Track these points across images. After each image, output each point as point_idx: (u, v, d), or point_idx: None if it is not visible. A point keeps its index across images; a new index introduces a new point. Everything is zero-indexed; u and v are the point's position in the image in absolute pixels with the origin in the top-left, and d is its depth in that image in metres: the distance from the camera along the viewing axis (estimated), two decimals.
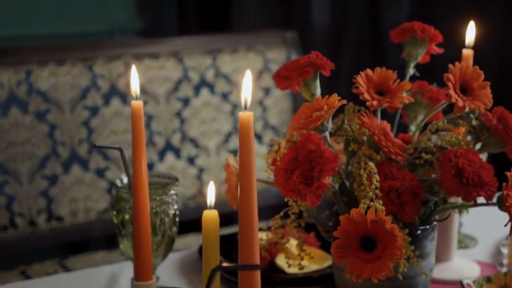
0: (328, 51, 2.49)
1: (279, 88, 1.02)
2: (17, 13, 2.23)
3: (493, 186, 0.98)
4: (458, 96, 1.02)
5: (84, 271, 1.27)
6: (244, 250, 0.81)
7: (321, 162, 0.92)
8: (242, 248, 0.82)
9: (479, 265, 1.30)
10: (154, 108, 1.96)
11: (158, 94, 1.97)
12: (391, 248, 0.87)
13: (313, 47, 2.51)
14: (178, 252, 1.35)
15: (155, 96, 1.96)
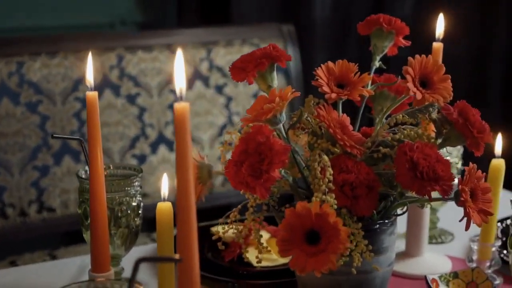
0: (329, 45, 2.48)
1: (235, 79, 1.02)
2: (17, 5, 2.25)
3: (448, 180, 0.96)
4: (416, 89, 1.00)
5: (51, 262, 1.28)
6: (182, 244, 0.81)
7: (270, 155, 0.91)
8: (180, 242, 0.81)
9: (452, 261, 1.28)
10: (147, 100, 1.97)
11: (151, 86, 1.97)
12: (334, 242, 0.86)
13: (314, 41, 2.51)
14: (153, 244, 1.35)
15: (148, 88, 1.97)
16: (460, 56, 2.61)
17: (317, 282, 1.04)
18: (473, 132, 1.01)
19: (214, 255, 1.29)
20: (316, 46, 2.45)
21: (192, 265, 0.81)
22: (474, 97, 2.68)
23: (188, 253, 0.81)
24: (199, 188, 1.05)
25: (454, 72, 2.61)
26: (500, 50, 2.66)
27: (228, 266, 1.25)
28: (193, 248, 0.81)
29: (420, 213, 1.26)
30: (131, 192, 1.13)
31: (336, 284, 1.03)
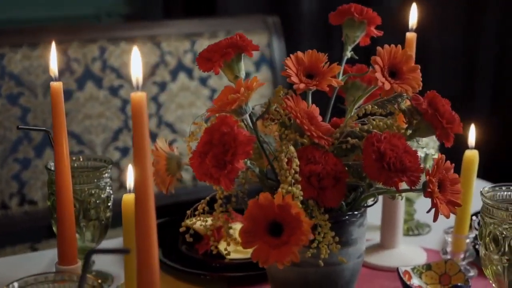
0: (316, 37, 2.47)
1: (201, 70, 1.01)
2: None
3: (416, 171, 0.95)
4: (385, 79, 0.99)
5: (24, 255, 1.27)
6: (140, 234, 0.80)
7: (234, 145, 0.90)
8: (138, 232, 0.80)
9: (427, 253, 1.27)
10: (129, 92, 1.95)
11: None
12: (297, 233, 0.85)
13: (301, 33, 2.50)
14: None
15: (131, 80, 1.95)
16: (450, 48, 2.60)
17: (285, 274, 1.03)
18: (443, 123, 1.00)
19: (188, 248, 1.28)
20: (303, 38, 2.44)
21: (151, 255, 0.80)
22: (463, 89, 2.68)
23: (146, 243, 0.80)
24: (168, 180, 1.04)
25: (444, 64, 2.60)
26: (489, 42, 2.65)
27: (202, 259, 1.24)
28: (151, 238, 0.80)
29: (394, 205, 1.25)
30: (101, 184, 1.12)
31: (305, 276, 1.02)
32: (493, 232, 0.98)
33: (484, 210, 1.00)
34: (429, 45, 2.55)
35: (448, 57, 2.61)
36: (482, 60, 2.65)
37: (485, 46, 2.63)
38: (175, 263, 1.22)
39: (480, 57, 2.64)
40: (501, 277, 0.99)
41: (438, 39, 2.57)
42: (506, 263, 0.98)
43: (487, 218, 0.99)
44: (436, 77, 2.57)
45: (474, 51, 2.64)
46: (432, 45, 2.56)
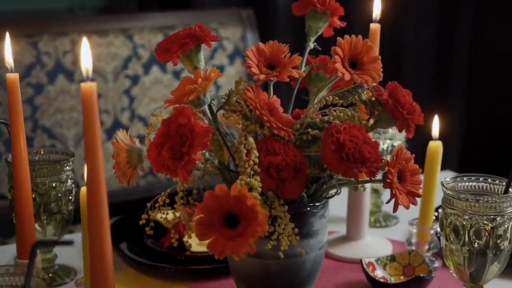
0: (292, 31, 2.46)
1: (159, 60, 1.00)
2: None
3: (375, 162, 0.95)
4: (345, 69, 0.99)
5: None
6: (92, 226, 0.79)
7: (191, 137, 0.90)
8: (90, 224, 0.80)
9: (393, 244, 1.27)
10: (101, 86, 1.94)
11: (106, 72, 1.95)
12: (252, 225, 0.84)
13: (277, 27, 2.49)
14: None
15: (103, 73, 1.94)
16: (426, 41, 2.60)
17: (247, 266, 1.03)
18: (403, 114, 0.99)
19: (154, 242, 1.27)
20: (278, 32, 2.43)
21: (104, 246, 0.79)
22: (438, 82, 2.68)
23: (98, 236, 0.79)
24: (130, 172, 1.03)
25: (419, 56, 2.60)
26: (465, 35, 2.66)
27: (167, 252, 1.23)
28: (103, 231, 0.79)
29: (359, 197, 1.24)
30: (62, 177, 1.11)
31: (266, 268, 1.01)
32: (454, 223, 0.98)
33: (445, 200, 1.00)
34: (404, 38, 2.55)
35: (422, 50, 2.61)
36: (457, 52, 2.65)
37: (460, 38, 2.64)
38: (139, 257, 1.21)
39: (454, 49, 2.65)
40: (462, 267, 0.99)
41: (413, 32, 2.57)
42: (467, 253, 0.98)
43: (448, 208, 0.99)
44: (411, 70, 2.58)
45: (449, 43, 2.64)
46: (407, 38, 2.56)
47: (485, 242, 0.97)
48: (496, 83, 2.66)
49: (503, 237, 0.97)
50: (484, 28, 2.64)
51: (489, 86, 2.68)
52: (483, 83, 2.67)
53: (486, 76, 2.67)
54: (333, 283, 1.14)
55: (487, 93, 2.68)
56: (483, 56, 2.66)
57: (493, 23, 2.63)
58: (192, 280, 1.15)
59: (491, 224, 0.96)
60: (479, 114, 2.66)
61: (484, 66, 2.65)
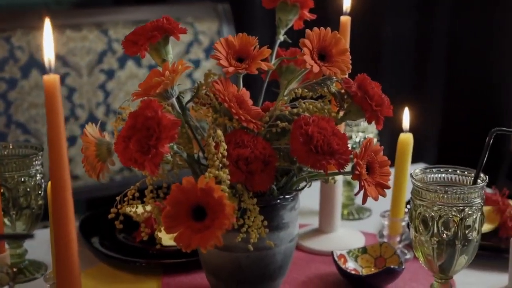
0: (269, 26, 2.45)
1: (127, 53, 0.99)
2: None
3: (344, 154, 0.95)
4: (314, 62, 0.99)
5: None
6: (57, 219, 0.79)
7: (158, 130, 0.89)
8: (55, 217, 0.79)
9: (366, 237, 1.28)
10: (76, 80, 1.93)
11: (81, 66, 1.93)
12: (220, 217, 0.84)
13: (253, 22, 2.48)
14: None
15: (77, 68, 1.93)
16: (403, 35, 2.61)
17: (217, 260, 1.03)
18: (372, 105, 0.99)
19: (126, 237, 1.27)
20: (255, 27, 2.43)
21: (69, 242, 0.79)
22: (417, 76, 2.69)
23: (63, 230, 0.78)
24: (99, 166, 1.02)
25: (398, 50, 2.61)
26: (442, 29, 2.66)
27: (139, 247, 1.23)
28: (68, 224, 0.78)
29: (331, 190, 1.25)
30: (31, 172, 1.10)
31: (237, 261, 1.01)
32: (423, 214, 0.99)
33: (414, 192, 1.00)
34: (381, 32, 2.56)
35: (400, 44, 2.62)
36: (435, 46, 2.66)
37: (437, 32, 2.65)
38: (111, 252, 1.20)
39: (432, 43, 2.65)
40: (432, 258, 0.99)
41: (390, 26, 2.58)
42: (436, 245, 0.98)
43: (417, 200, 0.99)
44: (389, 64, 2.58)
45: (426, 37, 2.65)
46: (385, 32, 2.57)
47: (453, 233, 0.97)
48: (473, 76, 2.68)
49: (472, 228, 0.98)
50: (461, 21, 2.65)
51: (467, 80, 2.70)
52: (460, 77, 2.69)
53: (463, 69, 2.68)
54: (305, 276, 1.14)
55: (465, 86, 2.70)
56: (460, 49, 2.67)
57: (470, 16, 2.64)
58: (164, 274, 1.15)
59: (459, 215, 0.97)
60: (457, 107, 2.68)
61: (462, 59, 2.66)
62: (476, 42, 2.65)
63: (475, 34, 2.64)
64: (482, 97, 2.66)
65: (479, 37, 2.64)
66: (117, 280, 1.14)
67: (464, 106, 2.68)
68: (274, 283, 1.05)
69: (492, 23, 2.62)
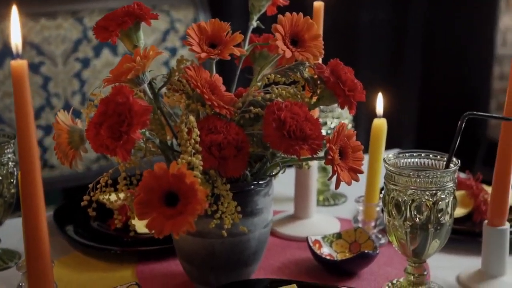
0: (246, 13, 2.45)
1: (98, 39, 0.98)
2: None
3: (317, 139, 0.95)
4: (286, 47, 0.99)
5: None
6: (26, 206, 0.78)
7: (130, 116, 0.89)
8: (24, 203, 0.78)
9: (341, 222, 1.28)
10: (51, 69, 1.91)
11: (56, 55, 1.92)
12: (192, 203, 0.84)
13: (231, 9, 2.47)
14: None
15: (52, 57, 1.91)
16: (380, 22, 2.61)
17: (192, 246, 1.02)
18: (345, 91, 0.99)
19: (101, 225, 1.26)
20: (232, 13, 2.42)
21: (39, 228, 0.78)
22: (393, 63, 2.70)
23: (34, 218, 0.78)
24: (71, 154, 1.02)
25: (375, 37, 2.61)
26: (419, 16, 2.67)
27: (114, 235, 1.22)
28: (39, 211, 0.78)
29: (306, 176, 1.25)
30: (3, 160, 1.09)
31: (211, 247, 1.01)
32: (396, 199, 0.99)
33: (387, 177, 1.00)
34: (358, 19, 2.56)
35: (377, 31, 2.63)
36: (411, 33, 2.67)
37: (413, 19, 2.66)
38: (85, 240, 1.19)
39: (408, 30, 2.66)
40: (405, 242, 1.00)
41: (367, 13, 2.58)
42: (409, 229, 0.99)
43: (390, 184, 1.00)
44: (365, 50, 2.59)
45: (403, 24, 2.66)
46: (362, 19, 2.57)
47: (426, 217, 0.98)
48: (449, 62, 2.69)
49: (444, 212, 0.98)
50: (437, 8, 2.66)
51: (443, 65, 2.71)
52: (437, 62, 2.70)
53: (439, 55, 2.69)
54: (280, 262, 1.14)
55: (441, 72, 2.71)
56: (436, 36, 2.68)
57: (446, 3, 2.65)
58: (138, 262, 1.14)
59: (432, 199, 0.97)
60: (433, 93, 2.69)
61: (438, 45, 2.68)
62: (452, 29, 2.67)
63: (451, 20, 2.66)
64: (458, 83, 2.68)
65: (455, 24, 2.65)
66: (91, 268, 1.13)
67: (440, 92, 2.70)
68: (249, 269, 1.05)
69: (467, 9, 2.63)
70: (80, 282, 1.08)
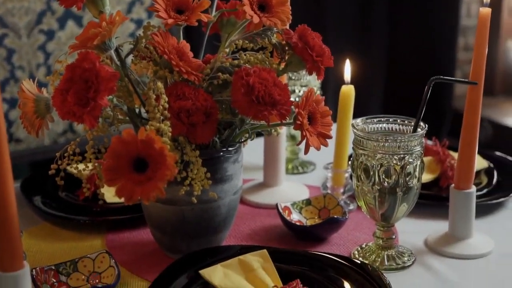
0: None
1: (62, 5, 0.97)
2: None
3: (286, 104, 0.95)
4: (254, 12, 0.98)
5: None
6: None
7: (97, 82, 0.88)
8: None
9: (310, 189, 1.29)
10: (15, 41, 1.88)
11: (19, 27, 1.88)
12: (161, 169, 0.83)
13: None
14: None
15: (16, 29, 1.88)
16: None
17: (162, 213, 1.02)
18: (313, 56, 0.99)
19: (68, 195, 1.25)
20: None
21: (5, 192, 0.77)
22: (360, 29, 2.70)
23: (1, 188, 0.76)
24: (38, 123, 1.01)
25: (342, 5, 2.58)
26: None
27: (83, 204, 1.21)
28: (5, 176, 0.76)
29: (275, 144, 1.25)
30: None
31: (181, 214, 1.01)
32: (364, 163, 1.00)
33: (355, 142, 1.01)
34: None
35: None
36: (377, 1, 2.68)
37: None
38: (54, 210, 1.19)
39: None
40: (374, 207, 1.01)
41: None
42: (377, 193, 0.99)
43: (359, 149, 1.00)
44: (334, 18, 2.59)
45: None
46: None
47: (394, 180, 0.98)
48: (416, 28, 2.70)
49: (412, 175, 0.99)
50: None
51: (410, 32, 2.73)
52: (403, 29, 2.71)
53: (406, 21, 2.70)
54: (250, 229, 1.15)
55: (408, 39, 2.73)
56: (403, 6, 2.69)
57: None
58: (108, 231, 1.14)
59: (400, 163, 0.98)
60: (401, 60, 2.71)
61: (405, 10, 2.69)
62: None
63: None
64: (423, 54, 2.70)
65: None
66: (60, 238, 1.12)
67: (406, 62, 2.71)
68: (219, 235, 1.05)
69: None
70: (50, 252, 1.07)
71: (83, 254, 0.99)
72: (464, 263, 1.03)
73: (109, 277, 0.96)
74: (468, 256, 1.04)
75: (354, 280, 0.94)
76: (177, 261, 0.98)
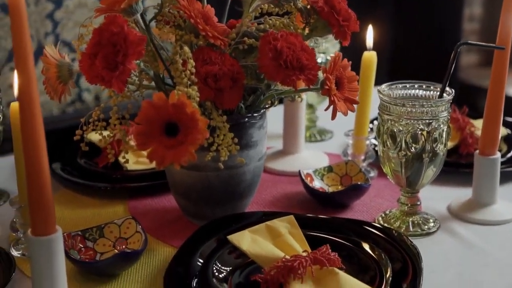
0: None
1: None
2: None
3: (313, 69, 0.94)
4: None
5: None
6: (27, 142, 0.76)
7: (125, 46, 0.86)
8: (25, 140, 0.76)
9: (329, 157, 1.28)
10: None
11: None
12: (193, 133, 0.83)
13: None
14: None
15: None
16: None
17: (187, 179, 1.02)
18: (339, 20, 0.98)
19: (87, 162, 1.24)
20: None
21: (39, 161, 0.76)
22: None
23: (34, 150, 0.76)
24: (60, 88, 1.00)
25: None
26: None
27: (102, 172, 1.21)
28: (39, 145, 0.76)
29: (295, 111, 1.24)
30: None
31: (206, 180, 1.00)
32: (390, 129, 0.99)
33: (381, 107, 1.00)
34: None
35: None
36: None
37: None
38: (75, 177, 1.18)
39: None
40: (399, 173, 1.01)
41: None
42: (403, 159, 0.99)
43: (385, 115, 1.00)
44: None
45: None
46: None
47: (421, 146, 0.98)
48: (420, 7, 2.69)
49: (438, 141, 0.99)
50: None
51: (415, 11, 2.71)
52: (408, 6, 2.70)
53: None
54: (272, 196, 1.14)
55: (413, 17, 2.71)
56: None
57: None
58: (130, 198, 1.13)
59: (426, 128, 0.98)
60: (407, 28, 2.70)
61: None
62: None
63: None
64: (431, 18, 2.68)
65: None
66: (82, 205, 1.12)
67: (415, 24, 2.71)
68: (243, 202, 1.05)
69: None
70: (73, 218, 1.07)
71: (107, 221, 0.99)
72: (489, 229, 1.03)
73: (136, 243, 0.96)
74: (493, 222, 1.04)
75: (382, 246, 0.94)
76: (203, 227, 0.98)
